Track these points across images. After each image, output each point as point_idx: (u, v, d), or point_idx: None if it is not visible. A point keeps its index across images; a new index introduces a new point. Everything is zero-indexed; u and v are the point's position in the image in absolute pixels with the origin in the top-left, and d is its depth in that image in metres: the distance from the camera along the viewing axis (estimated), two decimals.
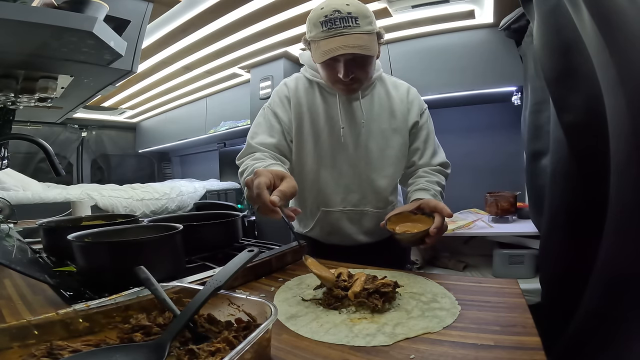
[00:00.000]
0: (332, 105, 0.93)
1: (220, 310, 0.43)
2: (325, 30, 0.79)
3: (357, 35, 0.79)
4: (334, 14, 0.78)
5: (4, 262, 0.56)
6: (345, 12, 0.78)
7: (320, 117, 0.93)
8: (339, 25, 0.78)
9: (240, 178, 0.87)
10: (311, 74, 0.96)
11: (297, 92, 0.95)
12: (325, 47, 0.80)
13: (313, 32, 0.82)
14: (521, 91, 1.91)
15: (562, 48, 0.74)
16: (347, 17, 0.78)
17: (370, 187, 0.95)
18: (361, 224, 0.98)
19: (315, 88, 0.95)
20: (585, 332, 0.69)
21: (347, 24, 0.79)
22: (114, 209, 2.68)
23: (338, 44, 0.78)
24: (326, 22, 0.79)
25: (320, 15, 0.80)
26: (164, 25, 2.09)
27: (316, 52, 0.83)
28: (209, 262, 0.73)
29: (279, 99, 0.96)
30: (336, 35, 0.79)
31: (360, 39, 0.79)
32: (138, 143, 4.88)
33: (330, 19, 0.79)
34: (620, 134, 0.57)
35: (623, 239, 0.59)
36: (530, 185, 1.28)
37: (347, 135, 0.93)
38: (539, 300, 1.23)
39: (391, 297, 0.53)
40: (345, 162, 0.94)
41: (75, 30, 0.82)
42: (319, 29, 0.80)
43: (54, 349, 0.35)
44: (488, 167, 2.27)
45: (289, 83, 0.98)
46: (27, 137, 0.95)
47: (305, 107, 0.94)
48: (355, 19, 0.79)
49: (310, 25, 0.83)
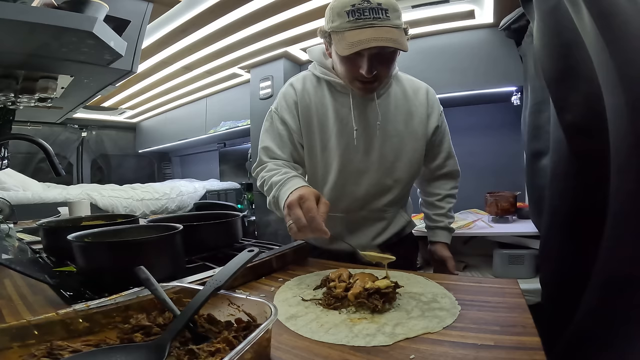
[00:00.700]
0: (344, 105, 0.88)
1: (220, 310, 0.43)
2: (352, 21, 0.73)
3: (387, 28, 0.73)
4: (362, 4, 0.72)
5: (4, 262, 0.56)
6: (375, 2, 0.73)
7: (329, 117, 0.88)
8: (369, 15, 0.72)
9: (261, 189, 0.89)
10: (320, 71, 0.90)
11: (304, 93, 0.90)
12: (352, 39, 0.73)
13: (337, 22, 0.76)
14: (521, 91, 1.90)
15: (562, 48, 0.74)
16: (377, 8, 0.73)
17: (378, 192, 0.92)
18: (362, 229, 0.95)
19: (324, 86, 0.90)
20: (585, 332, 0.69)
21: (377, 15, 0.73)
22: (114, 209, 2.68)
23: (368, 35, 0.72)
24: (354, 12, 0.73)
25: (347, 4, 0.73)
26: (164, 25, 2.09)
27: (340, 43, 0.76)
28: (209, 262, 0.73)
29: (285, 104, 0.91)
30: (365, 27, 0.73)
31: (391, 32, 0.73)
32: (138, 143, 4.88)
33: (358, 8, 0.72)
34: (620, 134, 0.57)
35: (623, 238, 0.59)
36: (530, 185, 1.28)
37: (360, 138, 0.87)
38: (539, 300, 1.22)
39: (391, 298, 0.53)
40: (355, 166, 0.89)
41: (75, 30, 0.82)
42: (344, 18, 0.74)
43: (54, 349, 0.35)
44: (488, 167, 2.26)
45: (295, 84, 0.92)
46: (27, 137, 0.95)
47: (314, 108, 0.89)
48: (386, 11, 0.73)
49: (333, 14, 0.76)
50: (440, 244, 1.01)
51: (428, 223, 1.05)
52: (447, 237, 1.02)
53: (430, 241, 1.04)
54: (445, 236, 1.02)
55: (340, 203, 0.91)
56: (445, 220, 1.02)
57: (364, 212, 0.93)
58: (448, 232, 1.02)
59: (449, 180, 1.03)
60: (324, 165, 0.91)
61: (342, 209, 0.91)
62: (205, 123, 3.68)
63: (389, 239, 0.97)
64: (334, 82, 0.88)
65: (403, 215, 0.99)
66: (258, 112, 2.77)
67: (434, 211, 1.03)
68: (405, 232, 1.03)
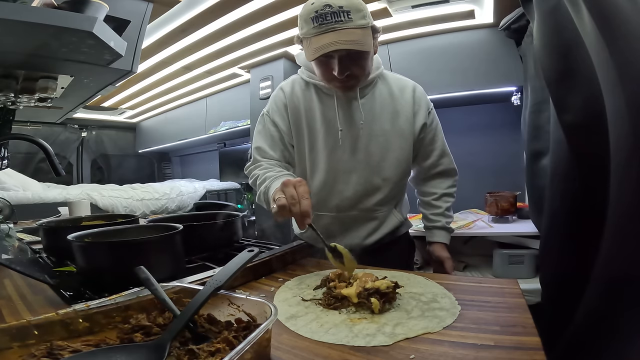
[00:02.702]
0: (330, 106, 0.91)
1: (220, 310, 0.43)
2: (316, 27, 0.76)
3: (349, 30, 0.75)
4: (324, 9, 0.75)
5: (4, 262, 0.56)
6: (336, 5, 0.74)
7: (316, 119, 0.92)
8: (330, 20, 0.75)
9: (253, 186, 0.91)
10: (307, 75, 0.93)
11: (293, 96, 0.94)
12: (316, 44, 0.76)
13: (304, 29, 0.79)
14: (521, 91, 1.90)
15: (562, 48, 0.74)
16: (338, 12, 0.74)
17: (367, 191, 0.93)
18: (353, 229, 0.96)
19: (311, 89, 0.93)
20: (585, 332, 0.69)
21: (339, 18, 0.75)
22: (114, 209, 2.68)
23: (329, 39, 0.75)
24: (317, 18, 0.75)
25: (311, 11, 0.76)
26: (164, 25, 2.09)
27: (308, 49, 0.80)
28: (209, 262, 0.73)
29: (276, 106, 0.95)
30: (327, 31, 0.75)
31: (353, 33, 0.76)
32: (138, 143, 4.88)
33: (320, 14, 0.75)
34: (620, 134, 0.57)
35: (623, 238, 0.59)
36: (530, 185, 1.28)
37: (346, 138, 0.90)
38: (539, 300, 1.22)
39: (391, 298, 0.53)
40: (342, 166, 0.92)
41: (75, 30, 0.82)
42: (310, 25, 0.77)
43: (54, 349, 0.35)
44: (488, 167, 2.27)
45: (285, 87, 0.96)
46: (27, 137, 0.95)
47: (303, 110, 0.93)
48: (347, 13, 0.75)
49: (302, 22, 0.80)
50: (438, 244, 1.01)
51: (426, 223, 1.05)
52: (444, 237, 1.01)
53: (428, 242, 1.04)
54: (443, 236, 1.01)
55: (330, 202, 0.94)
56: (442, 220, 1.01)
57: (355, 211, 0.95)
58: (446, 232, 1.02)
59: (445, 179, 1.03)
60: (312, 165, 0.94)
61: (332, 208, 0.94)
62: (205, 123, 3.68)
63: (382, 239, 0.97)
64: (320, 85, 0.91)
65: (396, 215, 0.99)
66: (258, 112, 2.72)
67: (431, 211, 1.03)
68: (400, 232, 1.03)
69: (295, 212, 0.66)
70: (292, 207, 0.66)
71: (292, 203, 0.66)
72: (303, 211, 0.66)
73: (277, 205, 0.67)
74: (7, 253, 0.76)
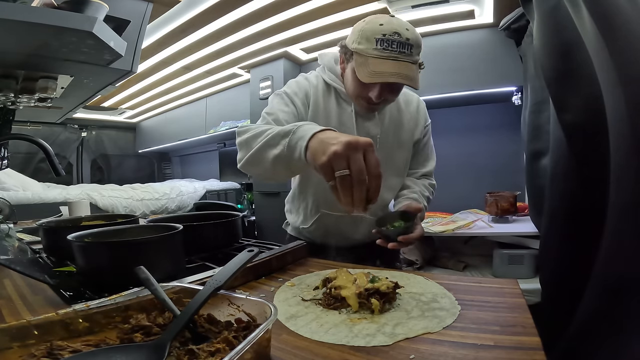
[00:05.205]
0: (347, 113, 0.91)
1: (220, 310, 0.43)
2: (379, 49, 0.75)
3: (408, 64, 0.76)
4: (393, 36, 0.74)
5: (4, 262, 0.56)
6: (404, 37, 0.75)
7: (332, 122, 0.91)
8: (396, 49, 0.74)
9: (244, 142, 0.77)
10: (330, 77, 0.93)
11: (317, 90, 0.92)
12: (375, 68, 0.75)
13: (363, 45, 0.77)
14: (521, 91, 1.90)
15: (562, 48, 0.74)
16: (405, 43, 0.75)
17: None
18: (358, 228, 0.99)
19: (332, 92, 0.93)
20: (585, 332, 0.69)
21: (403, 50, 0.75)
22: (113, 209, 2.68)
23: (390, 68, 0.75)
24: (383, 41, 0.74)
25: (378, 32, 0.75)
26: (164, 25, 2.09)
27: (362, 67, 0.78)
28: (209, 262, 0.73)
29: (298, 90, 0.91)
30: (389, 59, 0.75)
31: (411, 69, 0.76)
32: (138, 143, 4.88)
33: (388, 39, 0.74)
34: (620, 134, 0.57)
35: (622, 238, 0.59)
36: (530, 185, 1.28)
37: None
38: (539, 300, 1.22)
39: (392, 298, 0.54)
40: None
41: (75, 30, 0.82)
42: (372, 44, 0.76)
43: (54, 349, 0.35)
44: (488, 167, 2.27)
45: (310, 79, 0.94)
46: (27, 137, 0.95)
47: (321, 107, 0.92)
48: (411, 47, 0.76)
49: (362, 37, 0.78)
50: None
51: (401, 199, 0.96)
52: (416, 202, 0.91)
53: None
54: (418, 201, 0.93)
55: (332, 203, 0.94)
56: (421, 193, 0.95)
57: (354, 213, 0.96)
58: (424, 200, 0.96)
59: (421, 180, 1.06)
60: None
61: (332, 208, 0.96)
62: (205, 123, 3.68)
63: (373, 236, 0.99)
64: (340, 90, 0.92)
65: None
66: (258, 112, 2.74)
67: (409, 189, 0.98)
68: None
69: (357, 197, 0.50)
70: (358, 186, 0.49)
71: (360, 181, 0.49)
72: (374, 192, 0.50)
73: (341, 188, 0.50)
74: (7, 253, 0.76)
